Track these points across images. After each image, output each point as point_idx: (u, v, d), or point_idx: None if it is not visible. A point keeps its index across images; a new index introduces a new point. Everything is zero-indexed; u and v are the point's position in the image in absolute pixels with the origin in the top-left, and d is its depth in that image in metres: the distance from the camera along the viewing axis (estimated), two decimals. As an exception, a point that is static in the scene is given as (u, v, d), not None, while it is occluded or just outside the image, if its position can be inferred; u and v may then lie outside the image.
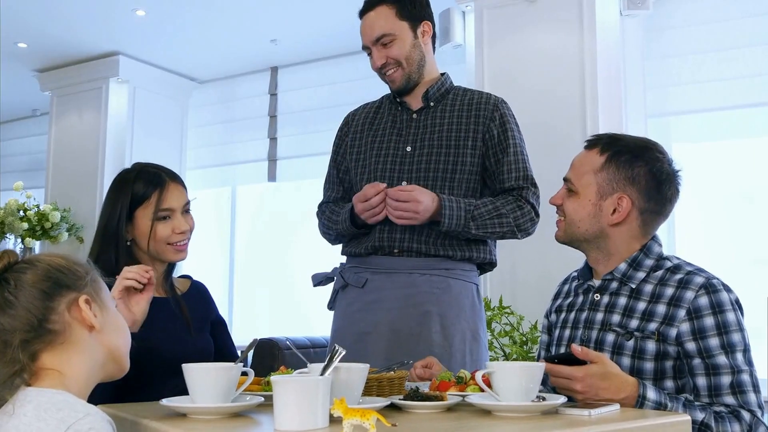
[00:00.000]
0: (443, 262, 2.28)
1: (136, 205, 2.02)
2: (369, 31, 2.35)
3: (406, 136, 2.36)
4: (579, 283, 1.89)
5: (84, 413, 1.22)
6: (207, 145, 6.62)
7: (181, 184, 2.10)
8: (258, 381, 1.71)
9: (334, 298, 2.42)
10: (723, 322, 1.64)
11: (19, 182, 6.05)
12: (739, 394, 1.61)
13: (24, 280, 1.32)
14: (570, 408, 1.44)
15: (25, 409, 1.23)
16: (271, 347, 3.54)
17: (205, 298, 2.21)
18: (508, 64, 4.42)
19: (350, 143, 2.45)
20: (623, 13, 4.36)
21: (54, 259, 1.37)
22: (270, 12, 5.27)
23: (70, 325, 1.32)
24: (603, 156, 1.81)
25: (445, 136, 2.32)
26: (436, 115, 2.36)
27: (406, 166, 2.31)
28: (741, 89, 4.29)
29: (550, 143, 4.16)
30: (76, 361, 1.32)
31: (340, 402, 1.18)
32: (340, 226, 2.35)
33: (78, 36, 5.78)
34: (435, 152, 2.30)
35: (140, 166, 2.11)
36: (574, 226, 1.83)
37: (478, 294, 2.36)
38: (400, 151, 2.34)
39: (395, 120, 2.41)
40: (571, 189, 1.85)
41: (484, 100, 2.38)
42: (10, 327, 1.29)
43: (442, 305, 2.25)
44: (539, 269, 4.06)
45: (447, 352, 2.21)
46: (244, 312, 6.37)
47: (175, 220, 2.04)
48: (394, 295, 2.26)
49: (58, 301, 1.32)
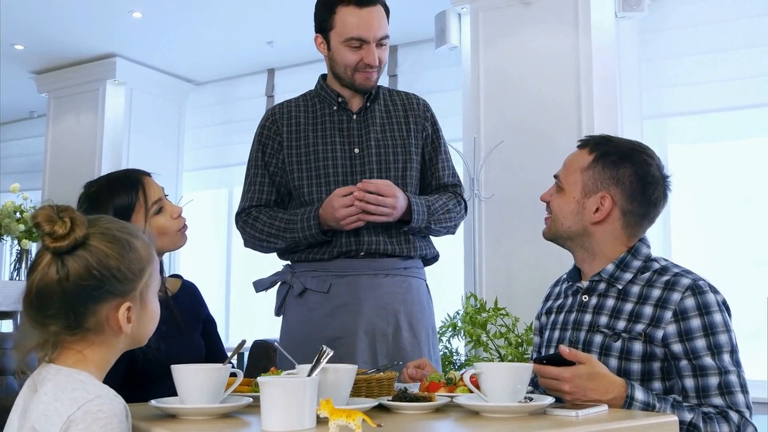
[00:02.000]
0: (402, 262, 2.31)
1: (125, 215, 1.93)
2: (377, 25, 2.26)
3: (350, 137, 2.32)
4: (568, 284, 1.90)
5: (95, 395, 1.23)
6: (204, 146, 6.62)
7: (149, 175, 2.05)
8: (248, 382, 1.72)
9: (282, 305, 2.38)
10: (710, 324, 1.64)
11: (15, 184, 6.04)
12: (727, 395, 1.61)
13: (77, 274, 1.27)
14: (557, 409, 1.44)
15: (45, 388, 1.25)
16: (266, 349, 3.56)
17: (196, 298, 2.21)
18: (503, 66, 4.43)
19: (286, 144, 2.35)
20: (618, 15, 4.38)
21: (112, 255, 1.30)
22: (266, 14, 5.28)
23: (103, 327, 1.31)
24: (591, 155, 1.83)
25: (389, 135, 2.34)
26: (375, 115, 2.36)
27: (357, 168, 2.29)
28: (736, 90, 4.30)
29: (545, 144, 4.17)
30: (99, 351, 1.32)
31: (327, 403, 1.18)
32: (301, 234, 2.24)
33: (75, 38, 5.79)
34: (383, 152, 2.31)
35: (102, 180, 2.03)
36: (558, 222, 1.85)
37: (428, 289, 2.43)
38: (348, 153, 2.31)
39: (334, 121, 2.35)
40: (559, 186, 1.87)
41: (414, 100, 2.44)
42: (47, 311, 1.27)
43: (407, 304, 2.30)
44: (534, 271, 4.07)
45: (416, 349, 2.26)
46: (241, 313, 6.37)
47: (167, 207, 2.02)
48: (362, 297, 2.25)
49: (101, 305, 1.29)
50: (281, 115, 2.39)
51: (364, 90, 2.34)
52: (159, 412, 1.49)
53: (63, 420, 1.19)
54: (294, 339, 2.30)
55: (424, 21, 4.91)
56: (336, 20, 2.27)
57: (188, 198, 5.85)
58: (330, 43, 2.31)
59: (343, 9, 2.26)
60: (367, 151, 2.31)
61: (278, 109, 2.41)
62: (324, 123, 2.35)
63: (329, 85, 2.39)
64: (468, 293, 4.13)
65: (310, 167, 2.31)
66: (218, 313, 5.75)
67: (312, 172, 2.30)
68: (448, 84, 5.25)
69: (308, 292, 2.30)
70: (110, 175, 2.07)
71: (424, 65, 5.41)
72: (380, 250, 2.27)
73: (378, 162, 2.30)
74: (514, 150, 4.30)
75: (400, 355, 2.23)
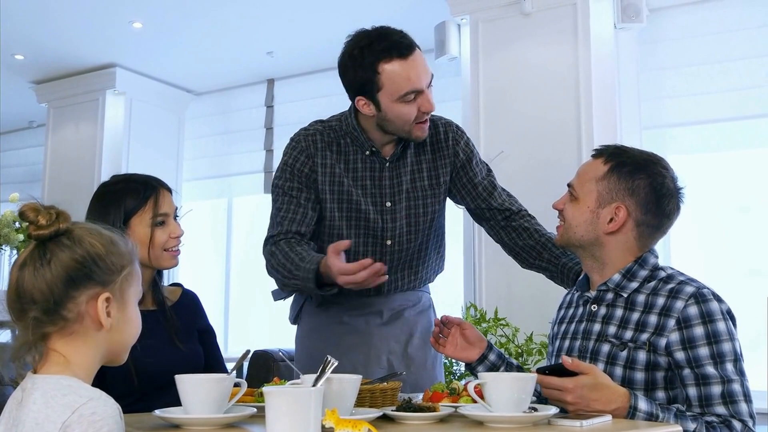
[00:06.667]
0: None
1: (130, 215, 2.02)
2: (424, 70, 2.10)
3: (381, 188, 2.24)
4: (578, 294, 1.91)
5: (87, 398, 1.23)
6: (203, 156, 6.62)
7: (169, 191, 2.11)
8: (251, 392, 1.72)
9: (299, 313, 2.39)
10: (713, 332, 1.65)
11: (15, 194, 6.04)
12: (730, 404, 1.61)
13: (59, 258, 1.29)
14: (562, 419, 1.44)
15: (33, 397, 1.24)
16: (266, 359, 3.55)
17: (195, 307, 2.21)
18: (503, 77, 4.44)
19: (321, 180, 2.23)
20: (617, 26, 4.39)
21: (96, 245, 1.33)
22: (266, 24, 5.30)
23: (83, 317, 1.31)
24: (607, 165, 1.83)
25: (419, 186, 2.27)
26: (407, 162, 2.27)
27: (389, 223, 2.24)
28: (735, 101, 4.32)
29: (545, 154, 4.18)
30: (82, 351, 1.31)
31: (332, 413, 1.18)
32: (301, 283, 2.07)
33: (75, 48, 5.79)
34: (413, 204, 2.26)
35: (125, 176, 2.12)
36: (571, 230, 1.85)
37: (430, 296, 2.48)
38: (379, 206, 2.24)
39: (366, 168, 2.25)
40: (573, 195, 1.87)
41: (442, 134, 2.31)
42: (29, 296, 1.28)
43: (418, 311, 2.37)
44: (534, 281, 4.04)
45: (425, 354, 2.33)
46: (240, 323, 6.36)
47: (170, 224, 2.06)
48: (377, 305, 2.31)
49: (81, 291, 1.30)
50: (315, 150, 2.24)
51: (418, 140, 2.22)
52: (162, 422, 1.49)
53: (58, 426, 1.19)
54: (309, 347, 2.32)
55: (423, 32, 4.90)
56: (382, 80, 2.08)
57: (187, 208, 5.85)
58: (380, 104, 2.12)
59: (387, 66, 2.07)
60: (399, 205, 2.24)
61: (309, 143, 2.25)
62: (356, 169, 2.25)
63: (364, 129, 2.23)
64: (468, 303, 4.13)
65: (350, 214, 2.23)
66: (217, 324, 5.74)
67: (352, 217, 2.23)
68: (447, 94, 5.26)
69: (325, 302, 2.29)
70: (133, 175, 2.13)
71: (424, 76, 5.42)
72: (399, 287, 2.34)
73: (407, 216, 2.25)
74: (514, 160, 4.30)
75: (410, 360, 2.27)
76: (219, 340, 2.32)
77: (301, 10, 5.04)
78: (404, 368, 2.20)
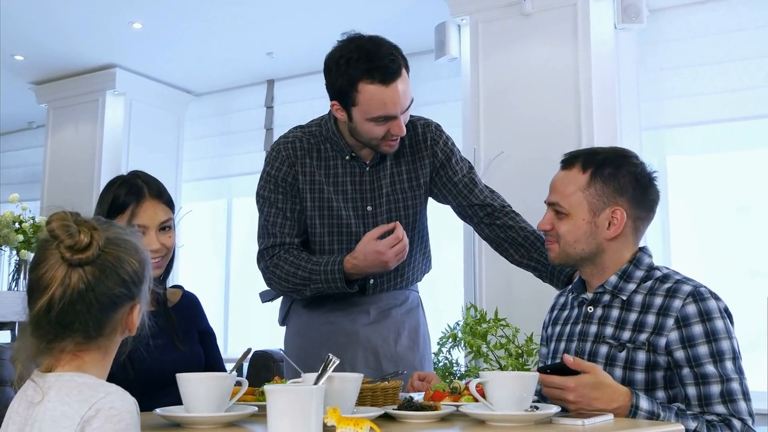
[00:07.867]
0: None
1: (115, 213, 1.96)
2: (403, 98, 2.09)
3: (362, 192, 2.26)
4: (574, 295, 1.90)
5: (105, 392, 1.22)
6: (203, 157, 6.62)
7: (162, 202, 2.01)
8: (252, 392, 1.72)
9: (287, 314, 2.40)
10: (711, 330, 1.65)
11: (14, 194, 6.04)
12: (729, 403, 1.62)
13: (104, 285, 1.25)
14: (563, 417, 1.44)
15: (48, 396, 1.22)
16: (266, 359, 3.54)
17: (195, 309, 2.20)
18: (503, 77, 4.44)
19: (301, 188, 2.25)
20: (617, 27, 4.39)
21: (133, 263, 1.29)
22: (266, 25, 5.30)
23: (116, 331, 1.30)
24: (586, 173, 1.81)
25: (399, 188, 2.27)
26: (386, 165, 2.28)
27: (370, 225, 2.23)
28: (735, 102, 4.33)
29: (545, 155, 4.17)
30: (98, 352, 1.29)
31: (334, 411, 1.18)
32: (325, 285, 2.16)
33: (75, 48, 5.79)
34: (393, 207, 2.27)
35: (131, 174, 2.06)
36: (570, 247, 1.81)
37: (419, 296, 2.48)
38: (360, 211, 2.26)
39: (347, 172, 2.26)
40: (560, 211, 1.82)
41: (420, 134, 2.30)
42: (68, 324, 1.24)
43: (406, 311, 2.37)
44: (534, 282, 4.03)
45: (414, 354, 2.34)
46: (240, 323, 6.35)
47: (146, 237, 1.96)
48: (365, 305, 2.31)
49: (119, 311, 1.28)
50: (296, 159, 2.25)
51: (386, 153, 2.24)
52: (164, 421, 1.49)
53: (76, 422, 1.18)
54: (297, 347, 2.32)
55: (423, 32, 4.92)
56: (359, 98, 2.08)
57: (187, 209, 5.85)
58: (351, 116, 2.13)
59: (367, 87, 2.06)
60: (380, 209, 2.26)
61: (289, 151, 2.26)
62: (337, 174, 2.26)
63: (342, 136, 2.25)
64: (468, 304, 4.12)
65: (331, 222, 2.25)
66: (217, 324, 5.73)
67: (333, 228, 2.25)
68: (447, 95, 5.27)
69: (312, 302, 2.30)
70: (140, 175, 2.05)
71: (424, 76, 5.42)
72: (385, 288, 2.32)
73: (389, 219, 2.25)
74: (514, 161, 4.31)
75: (399, 359, 2.28)
76: (219, 340, 2.31)
77: (301, 10, 5.04)
78: (393, 368, 2.20)
